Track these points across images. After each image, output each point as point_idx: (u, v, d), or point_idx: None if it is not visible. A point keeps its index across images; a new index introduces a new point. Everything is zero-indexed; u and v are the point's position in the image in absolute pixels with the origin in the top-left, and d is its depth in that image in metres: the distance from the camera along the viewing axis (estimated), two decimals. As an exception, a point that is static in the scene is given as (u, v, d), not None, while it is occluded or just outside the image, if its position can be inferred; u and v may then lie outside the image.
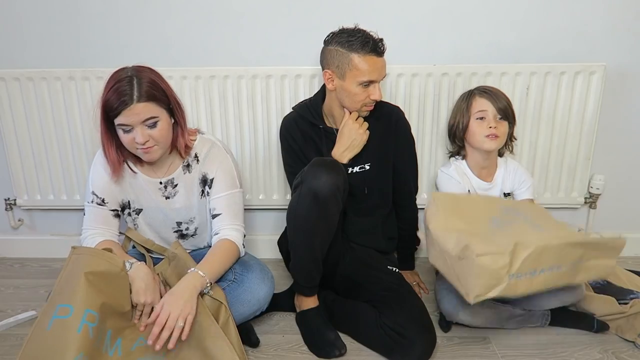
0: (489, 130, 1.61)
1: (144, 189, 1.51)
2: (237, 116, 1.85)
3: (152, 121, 1.35)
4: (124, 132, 1.35)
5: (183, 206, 1.53)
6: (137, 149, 1.37)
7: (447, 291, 1.56)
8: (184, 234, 1.59)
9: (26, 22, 1.81)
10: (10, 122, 1.86)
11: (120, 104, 1.30)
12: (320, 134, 1.62)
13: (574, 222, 2.01)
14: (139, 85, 1.32)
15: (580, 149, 1.86)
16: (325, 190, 1.38)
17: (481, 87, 1.68)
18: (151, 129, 1.35)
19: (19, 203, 1.98)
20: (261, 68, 1.79)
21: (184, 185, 1.52)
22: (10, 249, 2.10)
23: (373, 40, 1.45)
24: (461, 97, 1.72)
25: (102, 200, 1.49)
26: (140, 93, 1.31)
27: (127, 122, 1.32)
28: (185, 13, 1.79)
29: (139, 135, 1.34)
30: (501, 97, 1.64)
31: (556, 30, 1.78)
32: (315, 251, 1.47)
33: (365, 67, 1.45)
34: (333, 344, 1.47)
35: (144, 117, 1.33)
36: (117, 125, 1.35)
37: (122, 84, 1.31)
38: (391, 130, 1.63)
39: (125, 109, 1.30)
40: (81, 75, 1.80)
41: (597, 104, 1.80)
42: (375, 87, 1.50)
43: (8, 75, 1.81)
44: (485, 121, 1.63)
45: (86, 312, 1.21)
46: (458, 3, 1.76)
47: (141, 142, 1.34)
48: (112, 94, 1.30)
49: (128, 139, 1.35)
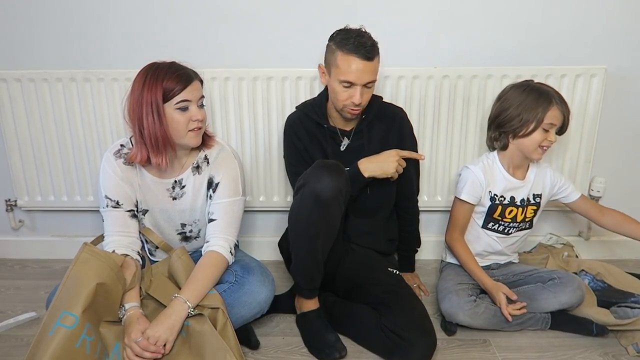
0: (547, 142, 1.56)
1: (152, 190, 1.51)
2: (238, 118, 1.85)
3: (202, 100, 1.45)
4: (181, 111, 1.39)
5: (189, 208, 1.53)
6: (188, 132, 1.41)
7: (448, 292, 1.57)
8: (188, 236, 1.59)
9: (28, 23, 1.81)
10: (11, 123, 1.87)
11: (186, 79, 1.39)
12: (324, 133, 1.62)
13: (574, 226, 2.02)
14: (191, 69, 1.43)
15: (581, 152, 1.86)
16: (328, 193, 1.38)
17: (559, 96, 1.56)
18: (202, 109, 1.44)
19: (19, 204, 1.98)
20: (262, 70, 1.79)
21: (192, 186, 1.52)
22: (10, 250, 2.10)
23: (361, 43, 1.45)
24: (532, 96, 1.55)
25: (116, 203, 1.47)
26: (195, 73, 1.43)
27: (189, 97, 1.39)
28: (186, 15, 1.79)
29: (197, 112, 1.41)
30: (568, 110, 1.57)
31: (557, 33, 1.79)
32: (317, 253, 1.47)
33: (345, 66, 1.46)
34: (333, 346, 1.47)
35: (200, 94, 1.43)
36: (174, 105, 1.38)
37: (176, 66, 1.41)
38: (394, 131, 1.63)
39: (189, 85, 1.39)
40: (82, 76, 1.81)
41: (597, 107, 1.80)
42: (356, 90, 1.49)
43: (9, 76, 1.81)
44: (549, 133, 1.55)
45: (87, 326, 1.23)
46: (459, 5, 1.77)
47: (200, 118, 1.41)
48: (172, 76, 1.37)
49: (184, 118, 1.40)
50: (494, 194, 1.65)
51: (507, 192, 1.66)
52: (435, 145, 1.87)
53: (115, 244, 1.44)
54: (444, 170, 1.91)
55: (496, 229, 1.69)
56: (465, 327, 1.57)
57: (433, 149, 1.88)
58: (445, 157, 1.89)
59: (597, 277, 1.72)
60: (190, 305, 1.35)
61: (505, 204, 1.65)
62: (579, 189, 1.88)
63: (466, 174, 1.67)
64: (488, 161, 1.67)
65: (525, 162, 1.66)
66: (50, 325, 1.21)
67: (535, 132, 1.55)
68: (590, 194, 1.92)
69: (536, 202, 1.67)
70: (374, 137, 1.62)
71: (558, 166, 1.88)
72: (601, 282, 1.70)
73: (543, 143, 1.56)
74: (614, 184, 1.95)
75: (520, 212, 1.66)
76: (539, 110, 1.53)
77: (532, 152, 1.58)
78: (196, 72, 1.44)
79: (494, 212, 1.66)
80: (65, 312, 1.22)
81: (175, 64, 1.41)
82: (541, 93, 1.55)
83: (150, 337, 1.29)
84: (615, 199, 1.96)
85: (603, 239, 2.01)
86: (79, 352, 1.21)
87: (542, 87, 1.58)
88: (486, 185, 1.64)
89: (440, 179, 1.92)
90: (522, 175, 1.67)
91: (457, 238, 1.68)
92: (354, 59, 1.45)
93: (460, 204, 1.67)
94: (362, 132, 1.62)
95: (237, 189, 1.52)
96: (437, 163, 1.89)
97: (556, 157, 1.87)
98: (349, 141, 1.63)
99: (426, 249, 2.01)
